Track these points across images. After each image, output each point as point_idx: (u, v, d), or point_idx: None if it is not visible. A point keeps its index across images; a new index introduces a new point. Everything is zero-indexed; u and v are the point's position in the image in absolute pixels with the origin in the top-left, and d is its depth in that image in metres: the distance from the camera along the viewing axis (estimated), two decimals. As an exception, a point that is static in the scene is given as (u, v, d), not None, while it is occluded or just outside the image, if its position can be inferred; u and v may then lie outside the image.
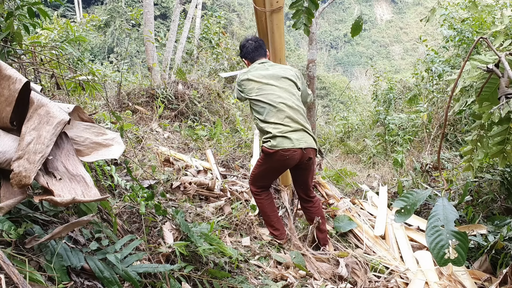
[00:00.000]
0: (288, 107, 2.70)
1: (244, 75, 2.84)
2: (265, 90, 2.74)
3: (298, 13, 2.33)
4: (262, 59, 2.94)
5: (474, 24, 6.34)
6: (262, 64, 2.89)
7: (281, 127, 2.64)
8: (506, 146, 2.53)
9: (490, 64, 1.71)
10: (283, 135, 2.62)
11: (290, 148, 2.61)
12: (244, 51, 2.99)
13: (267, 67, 2.86)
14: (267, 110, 2.69)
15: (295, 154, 2.64)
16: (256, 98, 2.73)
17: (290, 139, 2.62)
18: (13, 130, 1.45)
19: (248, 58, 2.99)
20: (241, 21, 33.18)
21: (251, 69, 2.86)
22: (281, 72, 2.84)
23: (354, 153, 8.50)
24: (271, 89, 2.74)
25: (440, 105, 6.62)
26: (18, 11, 2.53)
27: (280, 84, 2.77)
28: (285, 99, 2.71)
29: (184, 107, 5.73)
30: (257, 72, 2.81)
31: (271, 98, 2.70)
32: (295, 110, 2.72)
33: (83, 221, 1.45)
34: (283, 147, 2.60)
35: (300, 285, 2.40)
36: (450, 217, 1.30)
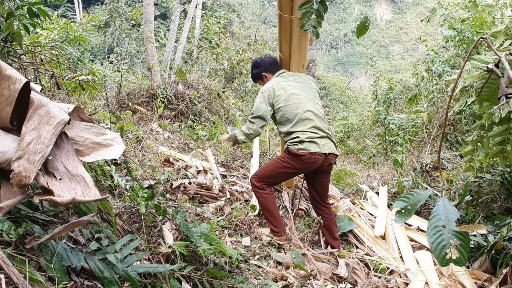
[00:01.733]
0: (315, 115, 2.81)
1: (269, 86, 2.88)
2: (292, 99, 2.81)
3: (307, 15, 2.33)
4: (282, 70, 3.04)
5: (474, 24, 6.34)
6: (282, 75, 2.98)
7: (308, 134, 2.75)
8: (507, 146, 2.52)
9: (490, 64, 1.71)
10: (310, 140, 2.74)
11: (316, 152, 2.72)
12: (264, 66, 3.06)
13: (288, 77, 2.94)
14: (295, 121, 2.77)
15: (320, 158, 2.76)
16: (284, 108, 2.80)
17: (317, 144, 2.74)
18: (13, 130, 1.45)
19: (269, 71, 3.06)
20: (241, 21, 33.19)
21: (273, 80, 2.93)
22: (305, 81, 2.95)
23: (354, 153, 8.50)
24: (298, 99, 2.82)
25: (440, 105, 6.62)
26: (18, 11, 2.52)
27: (305, 93, 2.87)
28: (311, 108, 2.81)
29: (184, 107, 5.72)
30: (283, 83, 2.88)
31: (298, 107, 2.79)
32: (320, 118, 2.84)
33: (83, 221, 1.45)
34: (310, 150, 2.71)
35: (300, 285, 2.40)
36: (451, 217, 1.30)
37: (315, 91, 2.97)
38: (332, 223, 3.04)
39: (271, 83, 2.90)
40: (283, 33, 2.81)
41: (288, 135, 2.81)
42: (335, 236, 3.05)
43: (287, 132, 2.81)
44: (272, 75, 3.04)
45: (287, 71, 3.03)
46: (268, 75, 3.06)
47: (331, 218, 3.04)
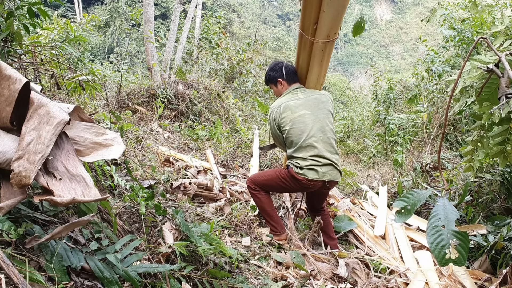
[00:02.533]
0: (320, 141, 2.73)
1: (278, 106, 2.81)
2: (298, 122, 2.74)
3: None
4: (297, 84, 2.95)
5: (474, 24, 6.34)
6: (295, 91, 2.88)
7: (309, 161, 2.71)
8: (507, 146, 2.53)
9: (490, 64, 1.71)
10: (310, 167, 2.70)
11: (314, 180, 2.71)
12: (286, 71, 2.94)
13: (300, 95, 2.84)
14: (298, 145, 2.73)
15: (317, 185, 2.76)
16: (290, 130, 2.75)
17: (317, 171, 2.71)
18: (13, 130, 1.45)
19: (286, 80, 2.95)
20: (241, 21, 33.19)
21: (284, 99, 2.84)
22: (317, 101, 2.84)
23: (354, 153, 8.50)
24: (303, 122, 2.74)
25: (440, 105, 6.62)
26: (18, 11, 2.52)
27: (314, 116, 2.77)
28: (317, 133, 2.73)
29: (184, 107, 5.72)
30: (292, 102, 2.80)
31: (304, 131, 2.72)
32: (326, 143, 2.75)
33: (83, 221, 1.45)
34: (308, 177, 2.70)
35: (300, 285, 2.40)
36: (451, 217, 1.30)
37: (327, 112, 2.83)
38: (327, 223, 3.04)
39: (280, 101, 2.83)
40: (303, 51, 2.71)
41: (291, 157, 2.80)
42: (331, 235, 3.06)
43: (290, 155, 2.80)
44: (288, 84, 2.94)
45: (302, 87, 2.92)
46: (283, 82, 2.96)
47: (325, 219, 3.05)
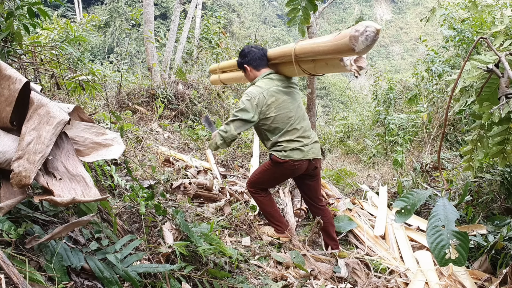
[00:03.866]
0: (301, 123, 2.79)
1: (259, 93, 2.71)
2: (283, 108, 2.74)
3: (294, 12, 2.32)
4: (267, 69, 2.88)
5: (474, 24, 6.34)
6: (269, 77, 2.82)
7: (294, 143, 2.74)
8: (506, 146, 2.53)
9: (490, 64, 1.71)
10: (295, 148, 2.73)
11: (299, 159, 2.73)
12: (250, 57, 2.89)
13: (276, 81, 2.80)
14: (284, 130, 2.74)
15: (303, 164, 2.77)
16: (276, 117, 2.72)
17: (302, 151, 2.75)
18: (13, 130, 1.45)
19: (252, 66, 2.90)
20: (241, 21, 33.18)
21: (263, 85, 2.76)
22: (291, 85, 2.85)
23: (354, 153, 8.50)
24: (287, 107, 2.75)
25: (440, 105, 6.62)
26: (18, 11, 2.52)
27: (293, 100, 2.80)
28: (297, 114, 2.78)
29: (184, 107, 5.72)
30: (273, 89, 2.75)
31: (288, 116, 2.74)
32: (306, 122, 2.83)
33: (83, 221, 1.45)
34: (293, 158, 2.72)
35: (300, 285, 2.40)
36: (451, 217, 1.30)
37: (298, 92, 2.91)
38: (328, 224, 3.03)
39: (260, 89, 2.73)
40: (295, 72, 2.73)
41: (274, 144, 2.79)
42: (333, 236, 3.05)
43: (274, 141, 2.78)
44: (256, 70, 2.88)
45: (274, 73, 2.86)
46: (250, 68, 2.89)
47: (327, 220, 3.04)
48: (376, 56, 44.74)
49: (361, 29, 2.15)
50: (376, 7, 53.02)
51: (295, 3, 2.28)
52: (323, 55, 2.42)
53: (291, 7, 2.31)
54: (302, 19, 2.31)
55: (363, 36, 2.15)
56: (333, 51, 2.32)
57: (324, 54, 2.41)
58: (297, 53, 2.57)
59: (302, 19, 2.31)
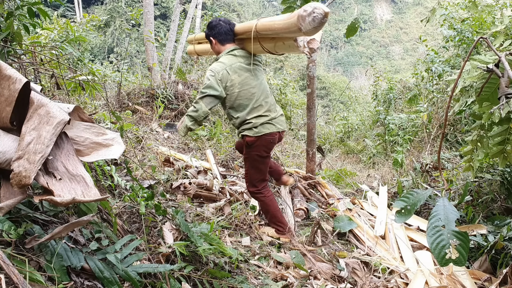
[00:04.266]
0: (265, 98, 2.87)
1: (222, 69, 2.74)
2: (246, 85, 2.79)
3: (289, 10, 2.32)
4: (232, 45, 2.89)
5: (474, 24, 6.33)
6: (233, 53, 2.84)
7: (262, 119, 2.82)
8: (506, 146, 2.53)
9: (490, 64, 1.71)
10: (264, 123, 2.82)
11: (272, 132, 2.84)
12: (216, 31, 2.88)
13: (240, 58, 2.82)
14: (250, 107, 2.80)
15: (276, 136, 2.89)
16: (239, 93, 2.76)
17: (272, 124, 2.86)
18: (13, 130, 1.45)
19: (218, 39, 2.90)
20: (241, 21, 33.15)
21: (227, 61, 2.79)
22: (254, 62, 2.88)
23: (354, 153, 8.50)
24: (251, 84, 2.81)
25: (440, 105, 6.61)
26: (18, 11, 2.52)
27: (256, 76, 2.86)
28: (260, 90, 2.85)
29: (184, 107, 5.72)
30: (236, 65, 2.78)
31: (252, 93, 2.80)
32: (270, 98, 2.93)
33: (83, 221, 1.45)
34: (266, 132, 2.81)
35: (300, 285, 2.40)
36: (451, 217, 1.30)
37: (261, 70, 2.96)
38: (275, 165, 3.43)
39: (223, 65, 2.76)
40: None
41: (242, 122, 2.83)
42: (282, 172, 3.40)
43: (243, 119, 2.82)
44: (221, 44, 2.89)
45: (238, 49, 2.86)
46: (215, 42, 2.90)
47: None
48: (376, 56, 44.76)
49: (309, 10, 2.23)
50: (376, 7, 53.01)
51: (290, 2, 2.28)
52: (278, 32, 2.49)
53: (286, 5, 2.31)
54: None
55: (310, 17, 2.22)
56: (284, 30, 2.40)
57: (279, 32, 2.48)
58: (258, 29, 2.62)
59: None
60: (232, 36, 2.90)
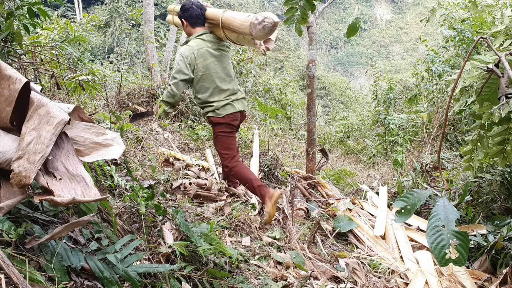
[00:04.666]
0: (229, 82, 3.11)
1: (190, 53, 2.95)
2: (210, 69, 3.00)
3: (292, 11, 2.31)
4: (202, 29, 3.07)
5: (474, 24, 6.33)
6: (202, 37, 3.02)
7: (223, 101, 3.06)
8: (506, 146, 2.53)
9: (490, 64, 1.71)
10: (226, 104, 3.07)
11: (233, 112, 3.09)
12: (188, 14, 3.04)
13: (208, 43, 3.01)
14: (212, 90, 3.03)
15: (238, 116, 3.15)
16: (203, 76, 2.99)
17: (233, 106, 3.10)
18: (13, 130, 1.45)
19: (189, 22, 3.08)
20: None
21: (195, 45, 2.98)
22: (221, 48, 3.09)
23: (354, 153, 8.50)
24: (215, 68, 3.02)
25: (440, 105, 6.61)
26: (18, 11, 2.52)
27: (221, 61, 3.07)
28: (223, 75, 3.07)
29: (184, 107, 5.72)
30: (203, 50, 2.98)
31: (216, 77, 3.02)
32: (233, 83, 3.16)
33: (83, 221, 1.45)
34: (228, 112, 3.07)
35: (300, 285, 2.40)
36: (451, 217, 1.30)
37: (227, 55, 3.16)
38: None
39: (192, 49, 2.96)
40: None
41: (206, 104, 3.07)
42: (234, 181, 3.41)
43: (205, 101, 3.06)
44: (191, 26, 3.08)
45: (207, 33, 3.05)
46: (186, 24, 3.09)
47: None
48: (376, 56, 44.76)
49: (260, 19, 2.58)
50: (376, 7, 53.02)
51: (293, 3, 2.28)
52: (236, 30, 2.77)
53: (289, 6, 2.31)
54: (300, 18, 2.30)
55: (261, 25, 2.58)
56: (240, 30, 2.71)
57: (236, 30, 2.77)
58: (222, 21, 2.87)
59: (300, 19, 2.31)
60: (203, 20, 3.06)
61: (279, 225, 3.29)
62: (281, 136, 7.04)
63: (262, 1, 47.36)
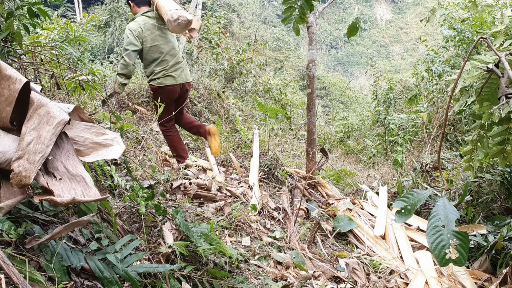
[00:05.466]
0: (171, 56, 3.53)
1: (138, 27, 3.40)
2: (156, 41, 3.45)
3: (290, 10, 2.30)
4: (146, 8, 3.54)
5: (474, 24, 6.33)
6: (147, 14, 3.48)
7: (164, 72, 3.50)
8: (506, 146, 2.53)
9: (490, 64, 1.71)
10: (168, 75, 3.50)
11: (173, 84, 3.53)
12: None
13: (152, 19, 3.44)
14: (158, 61, 3.47)
15: (176, 88, 3.58)
16: (150, 48, 3.44)
17: (173, 77, 3.53)
18: (13, 130, 1.45)
19: (134, 2, 3.57)
20: (241, 21, 33.20)
21: (141, 21, 3.43)
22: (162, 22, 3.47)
23: (354, 153, 8.50)
24: (158, 40, 3.45)
25: (440, 105, 6.61)
26: (18, 11, 2.52)
27: (165, 35, 3.51)
28: (167, 49, 3.51)
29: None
30: (149, 24, 3.43)
31: (161, 49, 3.47)
32: (176, 56, 3.58)
33: (83, 221, 1.45)
34: (167, 83, 3.51)
35: (300, 285, 2.40)
36: (451, 217, 1.30)
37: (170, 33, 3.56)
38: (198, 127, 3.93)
39: (138, 24, 3.41)
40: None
41: (151, 73, 3.51)
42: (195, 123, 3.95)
43: (151, 70, 3.51)
44: (137, 7, 3.56)
45: (151, 10, 3.49)
46: (133, 5, 3.58)
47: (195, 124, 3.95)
48: (376, 56, 44.77)
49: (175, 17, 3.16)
50: (376, 7, 53.03)
51: (291, 2, 2.28)
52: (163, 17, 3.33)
53: (287, 5, 2.30)
54: (298, 18, 2.30)
55: (176, 22, 3.18)
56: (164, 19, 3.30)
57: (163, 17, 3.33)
58: (156, 5, 3.39)
59: (298, 18, 2.30)
60: (146, 1, 3.55)
61: (279, 225, 3.29)
62: (281, 136, 7.04)
63: (262, 1, 47.36)
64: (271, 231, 3.16)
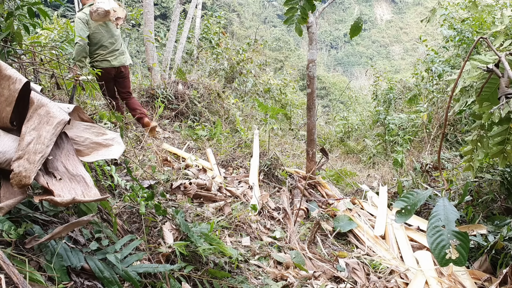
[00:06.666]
0: (111, 42, 4.25)
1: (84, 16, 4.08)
2: (96, 29, 4.12)
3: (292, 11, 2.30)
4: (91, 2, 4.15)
5: (474, 24, 6.33)
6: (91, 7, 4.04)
7: (102, 56, 4.21)
8: (506, 146, 2.53)
9: (490, 64, 1.71)
10: (104, 60, 4.22)
11: (108, 67, 4.22)
12: None
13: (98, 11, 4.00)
14: (99, 45, 4.18)
15: (111, 70, 4.28)
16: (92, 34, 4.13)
17: (109, 61, 4.25)
18: (13, 130, 1.45)
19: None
20: (241, 21, 33.21)
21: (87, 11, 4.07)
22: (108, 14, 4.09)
23: (354, 153, 8.49)
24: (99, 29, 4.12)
25: (440, 105, 6.61)
26: (18, 11, 2.52)
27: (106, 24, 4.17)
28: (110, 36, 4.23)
29: (184, 107, 5.72)
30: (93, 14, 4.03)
31: (100, 36, 4.17)
32: (116, 44, 4.30)
33: (83, 221, 1.45)
34: (104, 66, 4.20)
35: (300, 285, 2.40)
36: (451, 217, 1.30)
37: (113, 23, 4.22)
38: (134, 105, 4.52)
39: (85, 14, 4.09)
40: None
41: (92, 55, 4.21)
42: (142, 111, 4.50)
43: (92, 53, 4.20)
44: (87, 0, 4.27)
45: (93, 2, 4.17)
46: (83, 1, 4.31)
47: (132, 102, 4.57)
48: (376, 56, 44.78)
49: (94, 9, 3.99)
50: (376, 7, 53.05)
51: (293, 3, 2.28)
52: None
53: (289, 6, 2.30)
54: (300, 18, 2.30)
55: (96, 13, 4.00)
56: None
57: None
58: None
59: (300, 19, 2.30)
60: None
61: (279, 225, 3.29)
62: (281, 136, 7.04)
63: (262, 1, 47.37)
64: (271, 231, 3.16)
